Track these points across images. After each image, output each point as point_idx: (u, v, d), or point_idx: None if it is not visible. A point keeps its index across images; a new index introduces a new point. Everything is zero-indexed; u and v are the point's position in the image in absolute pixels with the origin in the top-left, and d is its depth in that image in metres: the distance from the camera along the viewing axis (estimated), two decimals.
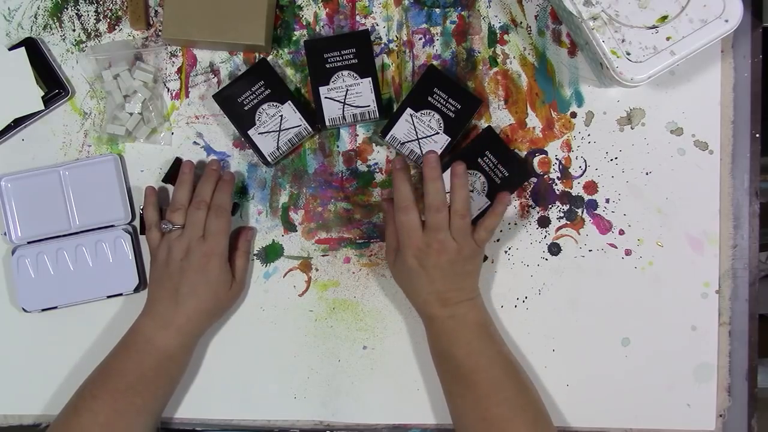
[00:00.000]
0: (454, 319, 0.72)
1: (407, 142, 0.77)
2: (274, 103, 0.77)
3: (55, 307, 0.80)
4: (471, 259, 0.72)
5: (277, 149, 0.78)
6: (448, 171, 0.76)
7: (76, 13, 0.81)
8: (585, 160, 0.80)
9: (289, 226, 0.81)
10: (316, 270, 0.81)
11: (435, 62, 0.80)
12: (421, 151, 0.77)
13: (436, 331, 0.74)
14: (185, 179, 0.76)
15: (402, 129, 0.77)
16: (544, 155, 0.80)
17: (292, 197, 0.81)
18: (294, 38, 0.81)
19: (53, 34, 0.81)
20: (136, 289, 0.79)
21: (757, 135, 0.79)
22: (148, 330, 0.74)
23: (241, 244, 0.79)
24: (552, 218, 0.80)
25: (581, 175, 0.80)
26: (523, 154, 0.80)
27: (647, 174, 0.79)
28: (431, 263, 0.71)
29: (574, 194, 0.79)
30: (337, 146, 0.81)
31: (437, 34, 0.80)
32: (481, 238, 0.73)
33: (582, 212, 0.79)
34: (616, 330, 0.79)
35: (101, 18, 0.81)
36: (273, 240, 0.81)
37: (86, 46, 0.81)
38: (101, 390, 0.72)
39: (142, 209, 0.80)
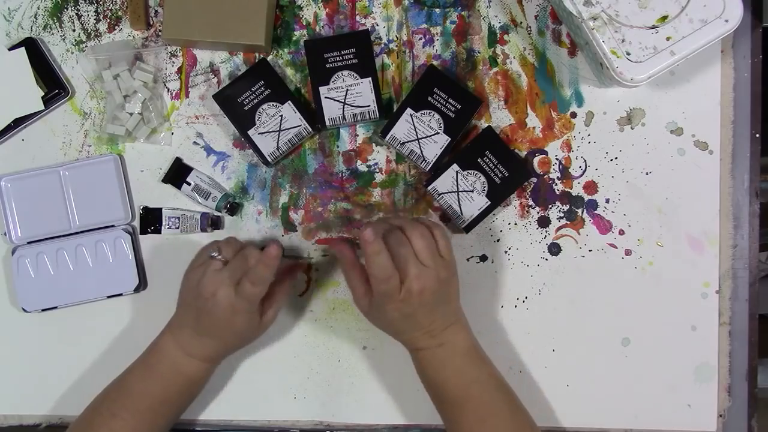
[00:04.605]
0: (443, 347, 0.71)
1: (407, 142, 0.77)
2: (274, 103, 0.77)
3: (55, 307, 0.80)
4: (450, 279, 0.70)
5: (277, 149, 0.78)
6: (448, 171, 0.77)
7: (76, 13, 0.81)
8: (585, 160, 0.80)
9: (289, 226, 0.81)
10: (316, 270, 0.81)
11: (435, 62, 0.80)
12: (421, 151, 0.77)
13: (425, 360, 0.71)
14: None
15: (402, 129, 0.77)
16: (544, 155, 0.80)
17: (292, 197, 0.81)
18: (294, 38, 0.81)
19: (53, 34, 0.81)
20: (136, 290, 0.79)
21: (757, 135, 0.79)
22: (173, 354, 0.71)
23: (286, 282, 0.74)
24: (552, 218, 0.80)
25: (581, 175, 0.80)
26: (523, 154, 0.80)
27: (647, 174, 0.79)
28: (414, 307, 0.68)
29: (574, 194, 0.79)
30: (337, 146, 0.81)
31: (437, 34, 0.80)
32: (443, 249, 0.69)
33: (582, 212, 0.79)
34: (616, 330, 0.79)
35: (101, 18, 0.81)
36: None
37: (86, 46, 0.81)
38: (121, 409, 0.71)
39: (141, 209, 0.80)
